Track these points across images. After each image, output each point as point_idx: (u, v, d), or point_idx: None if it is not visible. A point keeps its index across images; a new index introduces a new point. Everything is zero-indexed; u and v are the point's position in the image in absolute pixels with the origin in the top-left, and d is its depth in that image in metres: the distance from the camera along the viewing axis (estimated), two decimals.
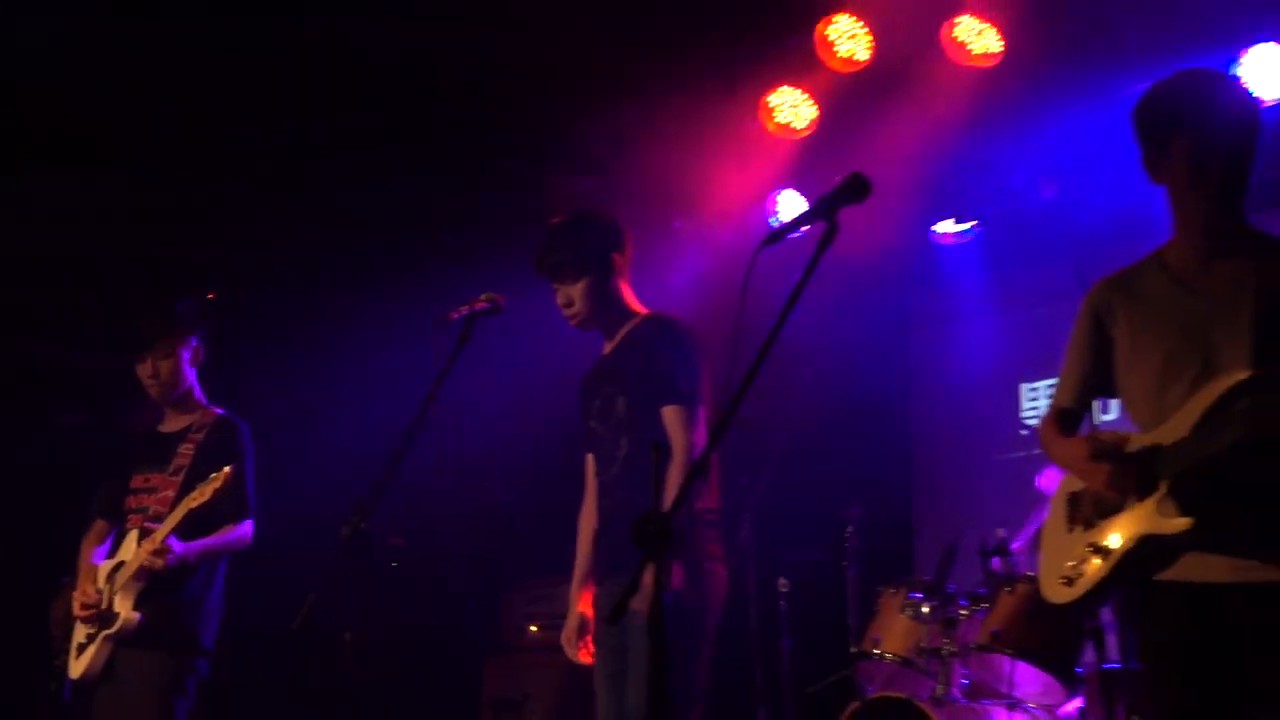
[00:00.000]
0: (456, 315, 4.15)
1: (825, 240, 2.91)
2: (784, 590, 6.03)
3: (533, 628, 6.60)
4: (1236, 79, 3.41)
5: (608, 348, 4.43)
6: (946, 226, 6.78)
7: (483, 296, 4.18)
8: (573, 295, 4.32)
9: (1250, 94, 3.34)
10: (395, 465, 3.83)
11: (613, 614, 3.27)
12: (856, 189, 2.95)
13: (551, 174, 6.46)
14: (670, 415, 4.16)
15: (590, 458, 4.46)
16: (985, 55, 5.44)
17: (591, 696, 4.29)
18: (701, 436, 4.15)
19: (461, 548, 7.33)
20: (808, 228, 3.05)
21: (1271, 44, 5.14)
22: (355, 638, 3.95)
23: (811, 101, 5.95)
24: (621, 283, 4.40)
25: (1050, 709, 5.43)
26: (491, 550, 7.39)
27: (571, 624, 4.39)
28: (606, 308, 4.35)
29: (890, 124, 5.90)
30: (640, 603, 3.47)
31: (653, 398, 4.18)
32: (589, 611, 4.37)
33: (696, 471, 3.58)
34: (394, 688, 6.43)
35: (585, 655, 4.34)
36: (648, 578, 3.28)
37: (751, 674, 5.87)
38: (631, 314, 4.40)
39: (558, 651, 6.13)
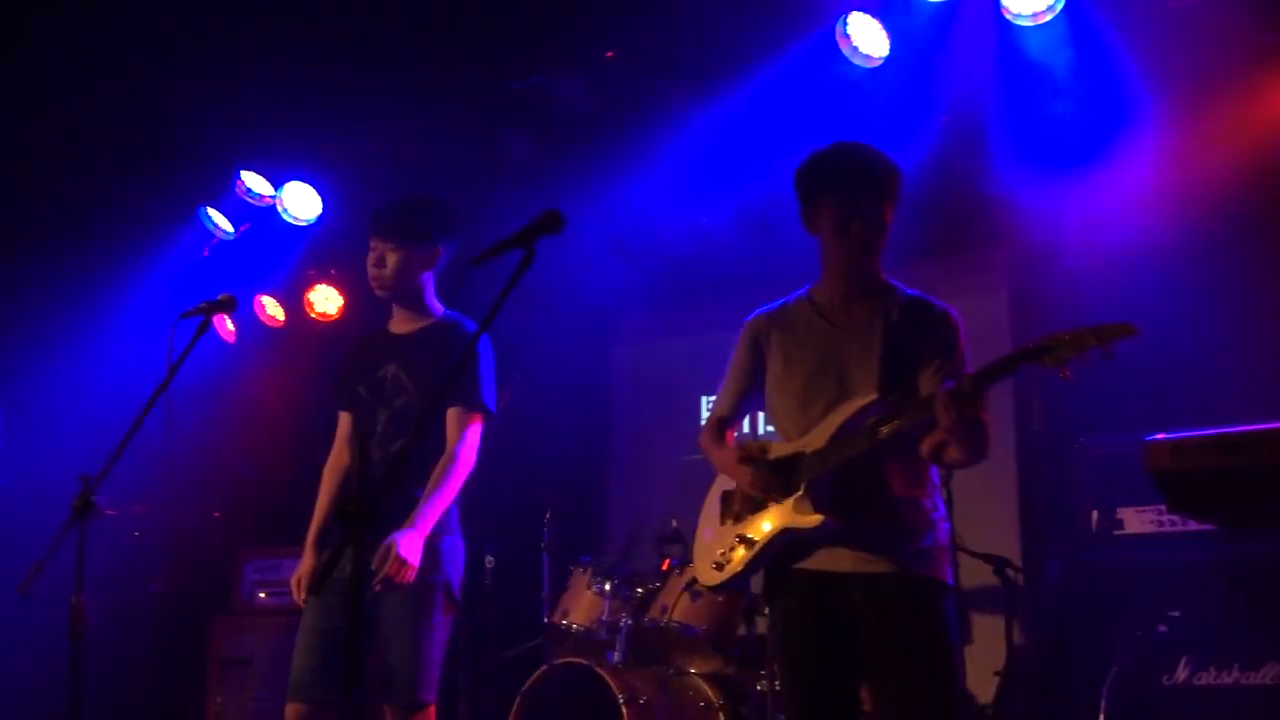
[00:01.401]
0: (195, 310, 3.96)
1: (523, 265, 2.91)
2: (490, 566, 5.98)
3: (261, 594, 6.39)
4: (881, 152, 3.50)
5: (400, 327, 4.16)
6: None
7: (221, 296, 4.00)
8: (388, 258, 4.04)
9: (892, 164, 3.42)
10: (128, 441, 3.65)
11: (314, 583, 3.19)
12: (552, 222, 2.96)
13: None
14: (456, 417, 3.97)
15: (348, 417, 4.22)
16: None
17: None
18: (474, 435, 3.96)
19: (204, 516, 7.04)
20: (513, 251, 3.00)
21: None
22: (85, 601, 3.72)
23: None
24: (431, 274, 4.13)
25: (709, 675, 5.50)
26: (231, 519, 7.12)
27: (304, 568, 4.02)
28: (410, 287, 4.09)
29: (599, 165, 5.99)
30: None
31: (446, 396, 3.93)
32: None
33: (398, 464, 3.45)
34: (128, 647, 6.14)
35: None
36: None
37: (455, 639, 5.80)
38: (433, 307, 4.16)
39: (282, 615, 6.01)
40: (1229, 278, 5.17)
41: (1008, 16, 4.92)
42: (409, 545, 3.75)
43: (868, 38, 5.23)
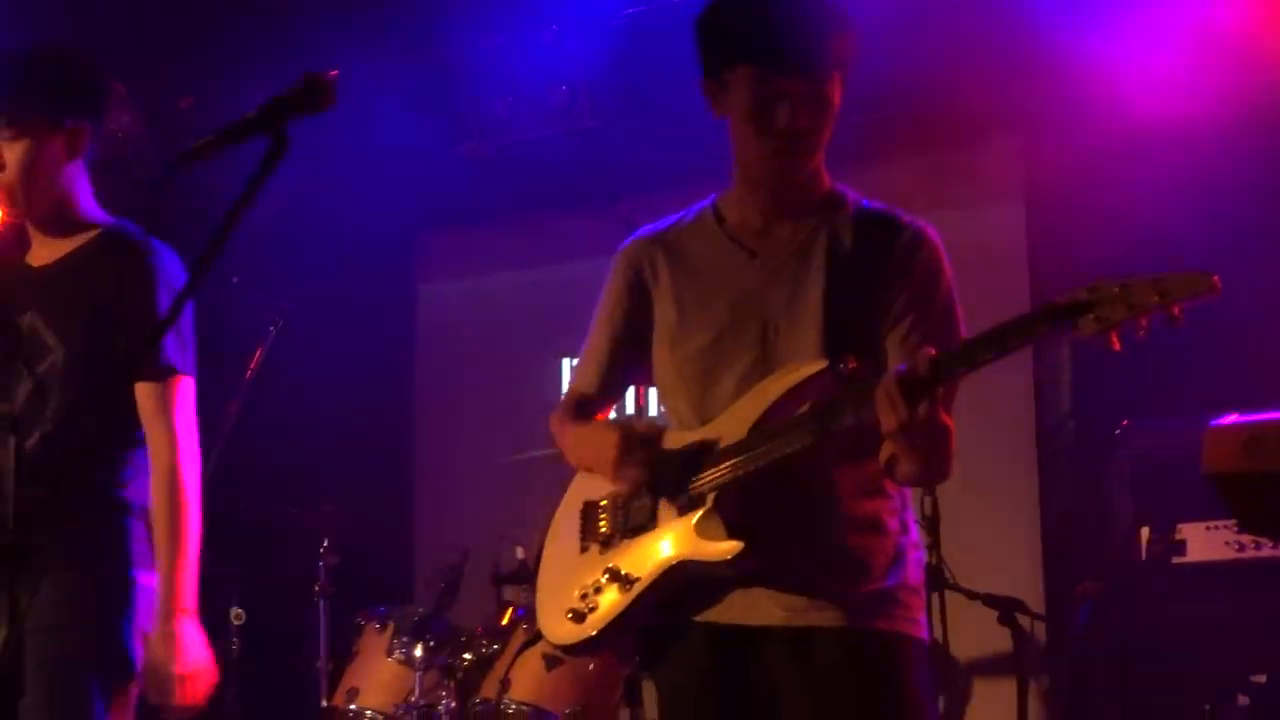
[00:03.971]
0: None
1: (271, 158, 2.86)
2: (237, 623, 5.99)
3: None
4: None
5: (41, 255, 4.04)
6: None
7: None
8: (3, 151, 3.90)
9: (841, 13, 3.38)
10: None
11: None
12: (317, 93, 2.88)
13: None
14: (150, 393, 3.88)
15: None
16: None
17: None
18: (192, 415, 3.93)
19: None
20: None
21: None
22: None
23: None
24: (78, 166, 4.00)
25: None
26: None
27: None
28: (45, 189, 3.95)
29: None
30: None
31: (100, 344, 3.85)
32: None
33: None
34: None
35: None
36: None
37: None
38: (87, 216, 4.03)
39: None
40: None
41: None
42: (184, 641, 3.82)
43: None
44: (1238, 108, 5.43)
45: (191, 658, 3.82)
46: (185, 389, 3.93)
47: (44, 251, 4.05)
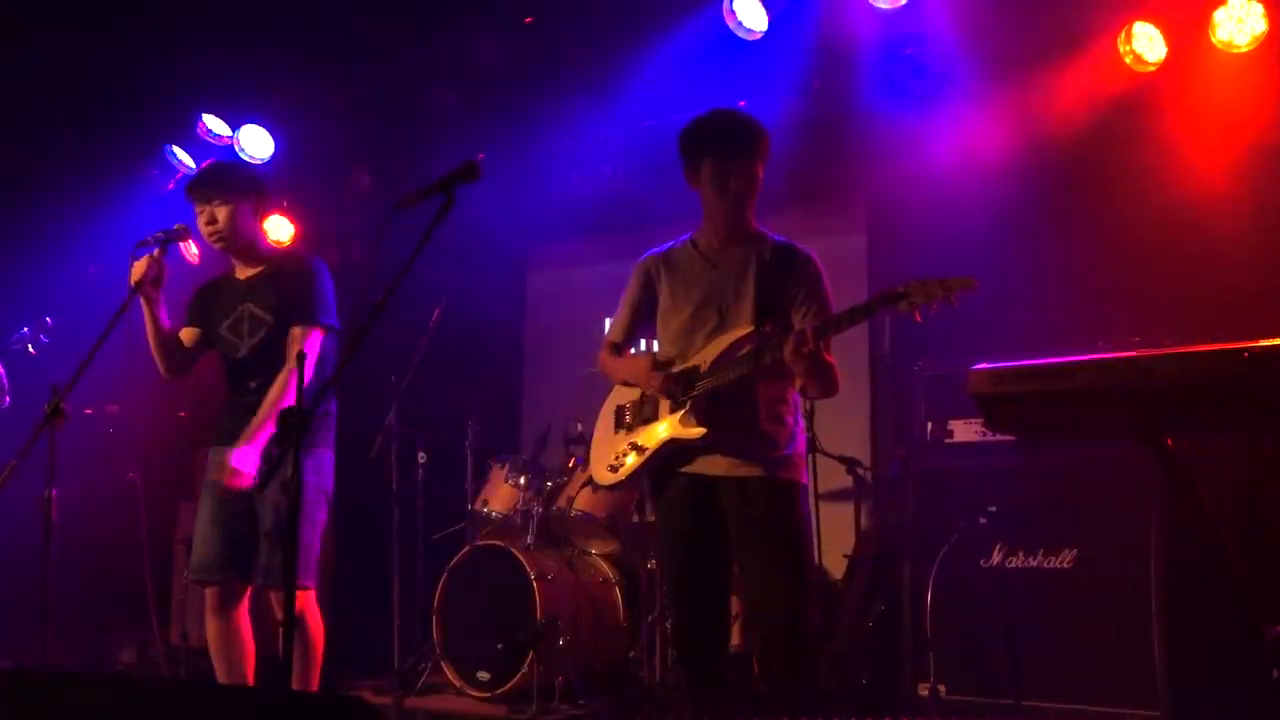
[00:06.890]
0: (153, 239, 3.80)
1: (443, 210, 2.83)
2: (422, 461, 5.90)
3: None
4: (752, 117, 3.46)
5: (244, 273, 4.04)
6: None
7: (177, 226, 3.85)
8: (218, 215, 3.93)
9: (761, 128, 3.39)
10: (92, 356, 3.49)
11: (263, 481, 3.13)
12: (470, 171, 2.89)
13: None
14: (295, 332, 3.87)
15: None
16: None
17: None
18: (315, 351, 3.83)
19: (170, 415, 6.83)
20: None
21: None
22: (55, 496, 3.58)
23: None
24: (260, 223, 4.08)
25: (607, 555, 5.59)
26: (194, 417, 6.92)
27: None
28: (244, 235, 3.98)
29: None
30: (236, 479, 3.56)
31: (287, 317, 3.89)
32: None
33: (329, 382, 3.42)
34: (97, 532, 5.98)
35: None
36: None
37: (390, 524, 5.75)
38: (271, 248, 4.13)
39: None
40: (1042, 229, 5.25)
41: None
42: (240, 457, 3.71)
43: (750, 14, 5.30)
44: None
45: (238, 462, 3.71)
46: (311, 333, 3.88)
47: (245, 271, 4.05)
